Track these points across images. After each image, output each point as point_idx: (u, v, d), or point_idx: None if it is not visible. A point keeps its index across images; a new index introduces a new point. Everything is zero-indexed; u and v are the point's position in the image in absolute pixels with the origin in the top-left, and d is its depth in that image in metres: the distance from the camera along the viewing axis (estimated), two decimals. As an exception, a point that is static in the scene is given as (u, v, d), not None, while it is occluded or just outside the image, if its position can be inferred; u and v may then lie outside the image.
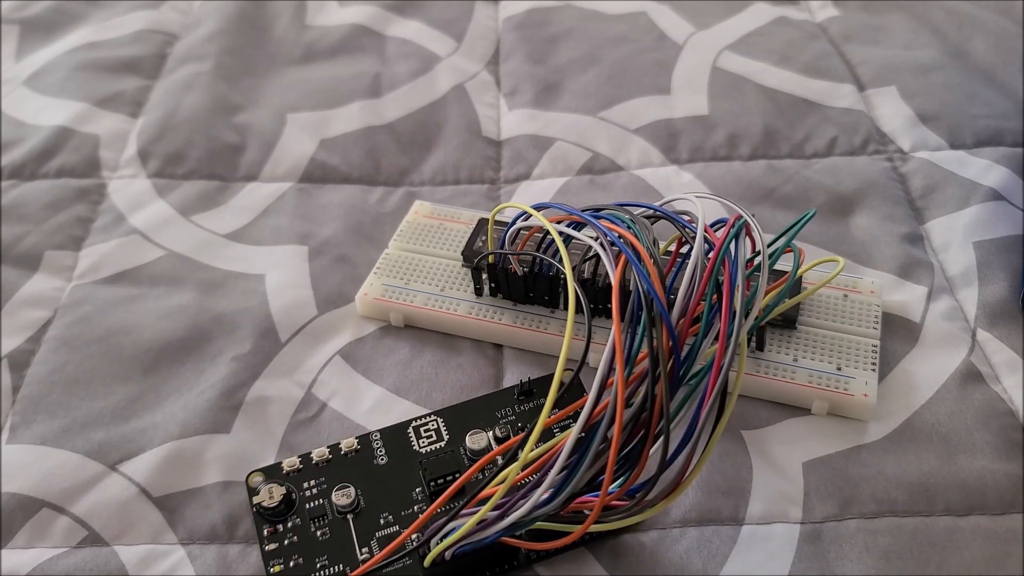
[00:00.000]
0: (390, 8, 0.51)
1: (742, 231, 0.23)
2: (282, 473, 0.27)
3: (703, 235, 0.23)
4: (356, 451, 0.28)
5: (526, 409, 0.28)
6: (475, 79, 0.46)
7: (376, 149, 0.42)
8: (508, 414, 0.28)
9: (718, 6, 0.50)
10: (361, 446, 0.28)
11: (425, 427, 0.28)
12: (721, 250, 0.22)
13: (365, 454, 0.28)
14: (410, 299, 0.33)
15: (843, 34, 0.47)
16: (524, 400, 0.29)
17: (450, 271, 0.34)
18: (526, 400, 0.29)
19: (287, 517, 0.26)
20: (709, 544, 0.26)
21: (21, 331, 0.34)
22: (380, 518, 0.26)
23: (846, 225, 0.37)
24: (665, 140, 0.41)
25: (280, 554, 0.25)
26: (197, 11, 0.52)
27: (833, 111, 0.42)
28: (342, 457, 0.28)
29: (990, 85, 0.43)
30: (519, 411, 0.28)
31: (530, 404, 0.28)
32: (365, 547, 0.25)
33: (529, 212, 0.29)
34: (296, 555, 0.25)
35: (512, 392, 0.29)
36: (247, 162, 0.41)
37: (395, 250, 0.35)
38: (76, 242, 0.38)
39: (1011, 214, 0.36)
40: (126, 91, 0.46)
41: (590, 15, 0.50)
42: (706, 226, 0.23)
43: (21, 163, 0.41)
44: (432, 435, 0.28)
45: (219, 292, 0.35)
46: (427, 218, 0.36)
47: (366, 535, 0.26)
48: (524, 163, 0.41)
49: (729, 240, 0.22)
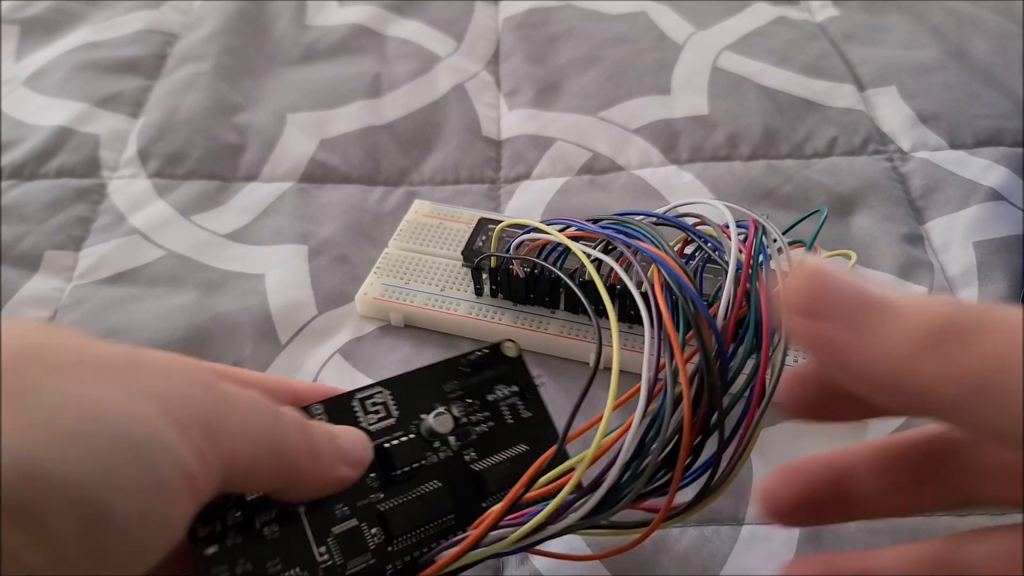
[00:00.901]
0: (390, 8, 0.51)
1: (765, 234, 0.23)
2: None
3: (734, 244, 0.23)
4: None
5: (473, 383, 0.26)
6: (475, 79, 0.46)
7: (376, 149, 0.42)
8: (455, 388, 0.25)
9: (718, 6, 0.50)
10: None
11: (372, 400, 0.24)
12: (753, 254, 0.22)
13: None
14: (410, 299, 0.33)
15: (843, 34, 0.47)
16: (471, 373, 0.26)
17: (450, 271, 0.34)
18: (473, 373, 0.26)
19: (226, 511, 0.21)
20: (709, 544, 0.26)
21: (21, 331, 0.34)
22: (335, 510, 0.22)
23: (846, 225, 0.37)
24: (665, 140, 0.41)
25: (224, 559, 0.20)
26: (197, 11, 0.52)
27: (833, 111, 0.42)
28: None
29: (990, 85, 0.43)
30: (465, 385, 0.26)
31: (476, 378, 0.26)
32: (323, 546, 0.21)
33: (540, 228, 0.29)
34: (243, 559, 0.20)
35: (458, 363, 0.26)
36: (247, 162, 0.41)
37: (395, 249, 0.35)
38: (76, 242, 0.38)
39: (1011, 214, 0.36)
40: (126, 91, 0.46)
41: (590, 15, 0.50)
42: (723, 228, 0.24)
43: (21, 163, 0.41)
44: (380, 410, 0.24)
45: (219, 292, 0.35)
46: (427, 217, 0.36)
47: (322, 531, 0.22)
48: (524, 163, 0.41)
49: (758, 246, 0.23)
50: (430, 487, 0.23)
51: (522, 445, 0.25)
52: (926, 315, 0.15)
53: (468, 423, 0.25)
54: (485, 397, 0.25)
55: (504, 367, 0.26)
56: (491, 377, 0.26)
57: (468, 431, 0.24)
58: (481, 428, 0.25)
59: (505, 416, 0.25)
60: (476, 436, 0.24)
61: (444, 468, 0.24)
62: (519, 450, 0.25)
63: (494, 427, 0.25)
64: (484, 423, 0.25)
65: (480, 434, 0.25)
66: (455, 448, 0.24)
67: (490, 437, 0.25)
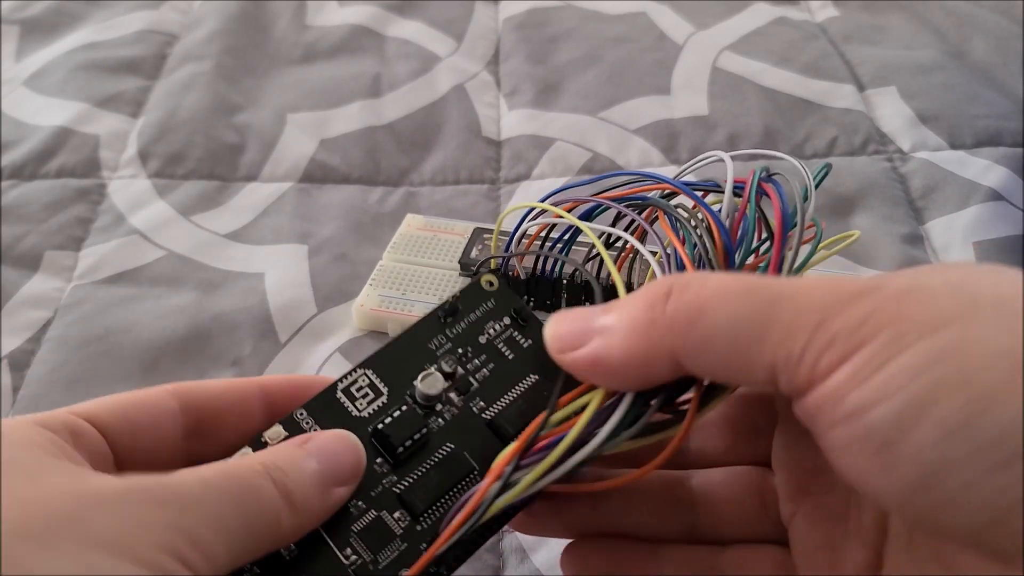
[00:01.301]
0: (390, 8, 0.51)
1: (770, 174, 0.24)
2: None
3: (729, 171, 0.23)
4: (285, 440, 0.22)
5: (459, 331, 0.24)
6: (475, 79, 0.46)
7: (376, 149, 0.42)
8: (443, 342, 0.24)
9: (718, 6, 0.50)
10: (290, 432, 0.22)
11: (356, 386, 0.23)
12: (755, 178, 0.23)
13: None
14: (408, 308, 0.33)
15: (843, 34, 0.47)
16: (453, 322, 0.24)
17: (447, 281, 0.34)
18: (455, 321, 0.24)
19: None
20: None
21: (21, 331, 0.34)
22: (349, 508, 0.21)
23: (846, 225, 0.37)
24: (665, 140, 0.41)
25: None
26: (197, 11, 0.52)
27: (833, 111, 0.42)
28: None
29: (990, 85, 0.43)
30: (452, 335, 0.24)
31: (461, 324, 0.24)
32: (347, 547, 0.21)
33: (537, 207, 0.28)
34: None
35: (437, 316, 0.24)
36: (247, 162, 0.41)
37: (389, 262, 0.35)
38: (76, 242, 0.38)
39: (1011, 214, 0.36)
40: (126, 91, 0.46)
41: (590, 15, 0.50)
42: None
43: (21, 163, 0.41)
44: (367, 392, 0.23)
45: (219, 292, 0.35)
46: (420, 230, 0.36)
47: (342, 533, 0.21)
48: (524, 163, 0.41)
49: (758, 175, 0.23)
50: (444, 452, 0.22)
51: (531, 376, 0.23)
52: (639, 295, 0.18)
53: (466, 373, 0.23)
54: (477, 340, 0.24)
55: (490, 303, 0.24)
56: (479, 318, 0.24)
57: (468, 382, 0.23)
58: (482, 374, 0.23)
59: (505, 353, 0.24)
60: (478, 384, 0.23)
61: (455, 428, 0.22)
62: (530, 382, 0.23)
63: (495, 368, 0.23)
64: (483, 368, 0.23)
65: (482, 380, 0.23)
66: (459, 404, 0.23)
67: (494, 380, 0.23)
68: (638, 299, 0.18)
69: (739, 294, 0.17)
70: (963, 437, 0.15)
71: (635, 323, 0.18)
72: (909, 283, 0.16)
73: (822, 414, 0.16)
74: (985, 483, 0.14)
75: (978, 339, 0.15)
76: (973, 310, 0.15)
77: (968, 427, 0.14)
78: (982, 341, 0.15)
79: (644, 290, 0.18)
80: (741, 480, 0.22)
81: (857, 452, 0.16)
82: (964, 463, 0.15)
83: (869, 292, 0.16)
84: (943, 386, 0.15)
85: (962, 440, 0.15)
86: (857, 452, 0.16)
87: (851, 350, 0.16)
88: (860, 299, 0.16)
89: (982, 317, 0.15)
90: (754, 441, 0.23)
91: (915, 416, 0.15)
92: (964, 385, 0.15)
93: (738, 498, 0.22)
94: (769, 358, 0.16)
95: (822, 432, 0.16)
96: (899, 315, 0.16)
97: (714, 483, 0.22)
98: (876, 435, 0.15)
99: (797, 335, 0.16)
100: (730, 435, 0.23)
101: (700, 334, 0.17)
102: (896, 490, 0.15)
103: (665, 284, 0.18)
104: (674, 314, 0.17)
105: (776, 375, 0.17)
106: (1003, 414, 0.14)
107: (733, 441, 0.23)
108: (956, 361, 0.15)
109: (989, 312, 0.15)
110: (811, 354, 0.16)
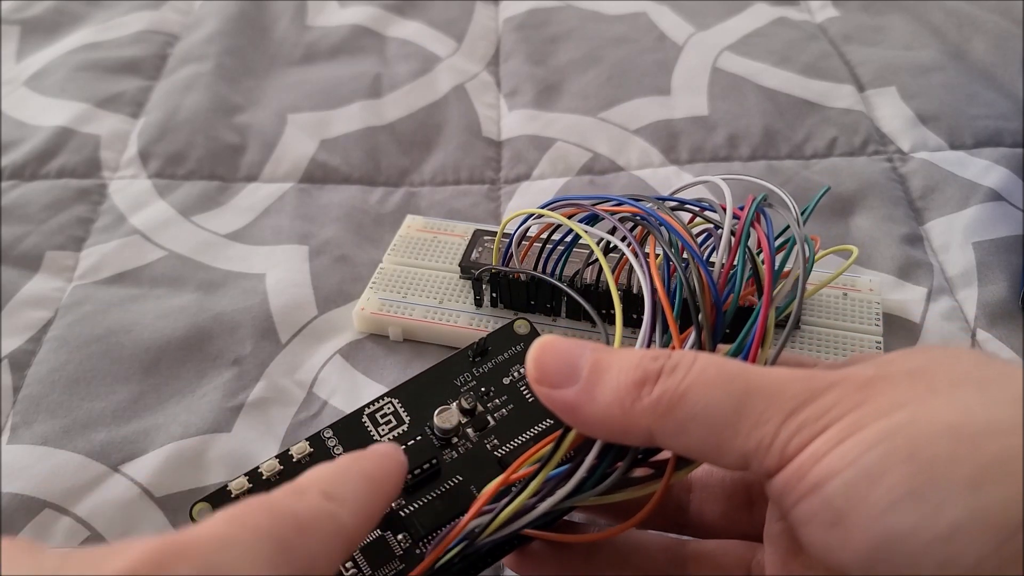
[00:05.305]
0: (390, 9, 0.51)
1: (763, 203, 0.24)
2: (231, 498, 0.23)
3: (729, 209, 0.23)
4: (310, 456, 0.24)
5: (485, 371, 0.26)
6: (475, 79, 0.46)
7: (376, 149, 0.42)
8: (468, 380, 0.25)
9: (718, 6, 0.50)
10: (315, 448, 0.24)
11: (381, 412, 0.25)
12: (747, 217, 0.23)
13: (321, 457, 0.24)
14: (409, 312, 0.32)
15: (843, 35, 0.48)
16: (481, 361, 0.26)
17: (447, 283, 0.34)
18: (483, 361, 0.26)
19: None
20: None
21: (22, 331, 0.34)
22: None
23: (846, 226, 0.37)
24: (665, 141, 0.41)
25: None
26: (197, 12, 0.52)
27: (833, 112, 0.42)
28: (296, 466, 0.24)
29: (990, 85, 0.43)
30: (478, 374, 0.26)
31: (488, 364, 0.26)
32: (350, 560, 0.22)
33: (539, 213, 0.28)
34: None
35: (466, 354, 0.26)
36: (247, 162, 0.41)
37: (389, 264, 0.35)
38: (77, 242, 0.38)
39: (1011, 214, 0.36)
40: (127, 91, 0.46)
41: (590, 16, 0.50)
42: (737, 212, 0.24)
43: (22, 163, 0.41)
44: (391, 420, 0.25)
45: (219, 292, 0.35)
46: (420, 232, 0.36)
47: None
48: (524, 163, 0.41)
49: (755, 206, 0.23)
50: (452, 483, 0.23)
51: (547, 420, 0.25)
52: (630, 365, 0.18)
53: (485, 411, 0.25)
54: (501, 381, 0.25)
55: (519, 347, 0.26)
56: (505, 360, 0.26)
57: (485, 420, 0.24)
58: (500, 413, 0.25)
59: (525, 396, 0.25)
60: (495, 423, 0.24)
61: (467, 461, 0.24)
62: (544, 425, 0.25)
63: (514, 409, 0.25)
64: (502, 408, 0.25)
65: (500, 419, 0.25)
66: (474, 439, 0.24)
67: (511, 420, 0.25)
68: (629, 372, 0.18)
69: (718, 384, 0.18)
70: (909, 507, 0.15)
71: (618, 395, 0.18)
72: (872, 374, 0.17)
73: (788, 491, 0.17)
74: (933, 553, 0.15)
75: (927, 417, 0.16)
76: (928, 394, 0.16)
77: (913, 496, 0.15)
78: (931, 418, 0.16)
79: (637, 363, 0.18)
80: (732, 552, 0.23)
81: (817, 524, 0.16)
82: (911, 534, 0.15)
83: (835, 385, 0.17)
84: (891, 458, 0.15)
85: (909, 509, 0.15)
86: (817, 524, 0.16)
87: (816, 433, 0.16)
88: (827, 391, 0.17)
89: (935, 398, 0.16)
90: (750, 510, 0.23)
91: (866, 487, 0.16)
92: (910, 458, 0.15)
93: (727, 568, 0.23)
94: (741, 446, 0.17)
95: (789, 509, 0.17)
96: (861, 403, 0.17)
97: (706, 552, 0.23)
98: (832, 506, 0.16)
99: (767, 426, 0.17)
100: (727, 501, 0.24)
101: (677, 420, 0.18)
102: (856, 562, 0.16)
103: (657, 364, 0.18)
104: (658, 398, 0.18)
105: (748, 460, 0.17)
106: (948, 484, 0.15)
107: (730, 507, 0.24)
108: (905, 436, 0.16)
109: (944, 394, 0.16)
110: (780, 441, 0.17)
